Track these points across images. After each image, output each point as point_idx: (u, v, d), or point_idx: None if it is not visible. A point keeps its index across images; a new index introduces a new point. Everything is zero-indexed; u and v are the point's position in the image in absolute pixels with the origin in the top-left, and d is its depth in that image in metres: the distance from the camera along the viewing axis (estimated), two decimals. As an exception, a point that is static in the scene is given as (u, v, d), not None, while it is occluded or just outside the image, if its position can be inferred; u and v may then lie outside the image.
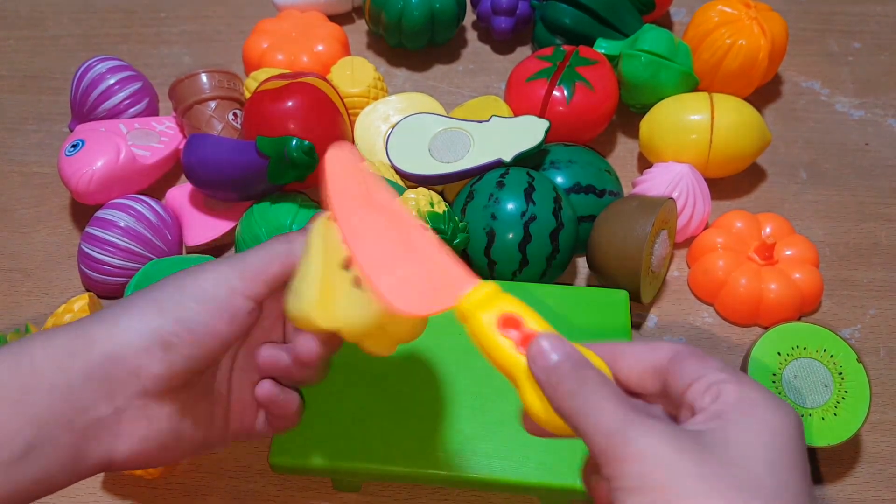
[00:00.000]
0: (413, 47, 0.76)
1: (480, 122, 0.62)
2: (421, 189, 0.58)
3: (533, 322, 0.33)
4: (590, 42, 0.70)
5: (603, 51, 0.68)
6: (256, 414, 0.41)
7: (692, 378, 0.30)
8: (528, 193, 0.55)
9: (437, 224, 0.54)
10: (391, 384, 0.50)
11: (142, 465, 0.36)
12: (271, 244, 0.38)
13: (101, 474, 0.52)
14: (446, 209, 0.56)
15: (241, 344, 0.40)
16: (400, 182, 0.62)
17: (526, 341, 0.32)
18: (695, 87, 0.69)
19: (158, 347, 0.34)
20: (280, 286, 0.37)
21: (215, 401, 0.39)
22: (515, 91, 0.66)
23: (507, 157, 0.59)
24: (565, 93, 0.64)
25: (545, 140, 0.60)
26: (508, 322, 0.33)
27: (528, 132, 0.60)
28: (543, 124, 0.60)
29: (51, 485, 0.33)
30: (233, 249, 0.63)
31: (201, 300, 0.35)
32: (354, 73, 0.69)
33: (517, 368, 0.32)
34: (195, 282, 0.36)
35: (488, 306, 0.33)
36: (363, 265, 0.34)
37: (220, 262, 0.37)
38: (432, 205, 0.55)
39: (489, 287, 0.33)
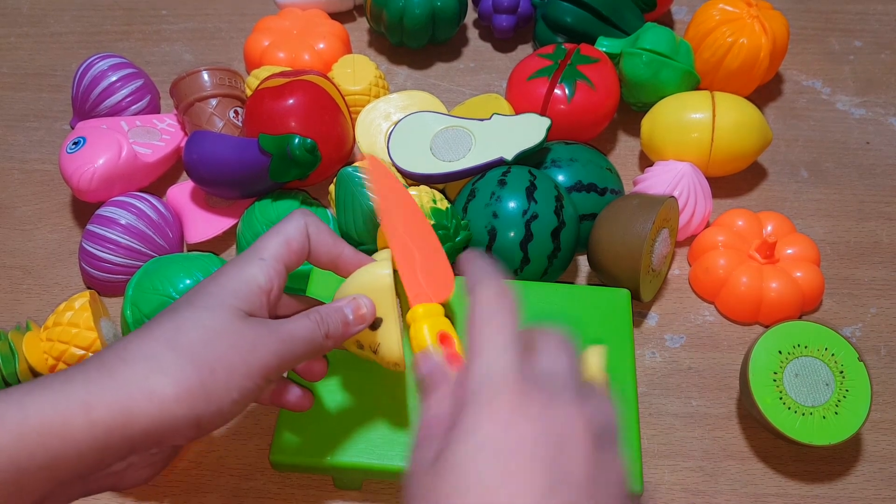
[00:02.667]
0: (414, 45, 0.76)
1: (482, 120, 0.62)
2: (423, 187, 0.58)
3: (458, 347, 0.39)
4: (591, 40, 0.70)
5: (604, 49, 0.68)
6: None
7: None
8: (530, 192, 0.55)
9: (440, 221, 0.54)
10: (392, 383, 0.50)
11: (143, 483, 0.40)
12: (293, 333, 0.38)
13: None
14: (448, 206, 0.56)
15: None
16: (401, 180, 0.62)
17: (451, 358, 0.37)
18: (696, 86, 0.69)
19: (191, 426, 0.34)
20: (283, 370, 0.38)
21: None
22: (517, 89, 0.66)
23: (509, 156, 0.59)
24: (566, 91, 0.64)
25: (547, 138, 0.60)
26: (444, 339, 0.39)
27: (530, 130, 0.60)
28: (545, 122, 0.60)
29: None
30: (234, 249, 0.63)
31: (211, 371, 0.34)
32: (356, 71, 0.69)
33: None
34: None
35: (432, 320, 0.40)
36: (402, 269, 0.41)
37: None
38: (435, 202, 0.55)
39: (436, 307, 0.40)
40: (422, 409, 0.32)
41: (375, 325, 0.42)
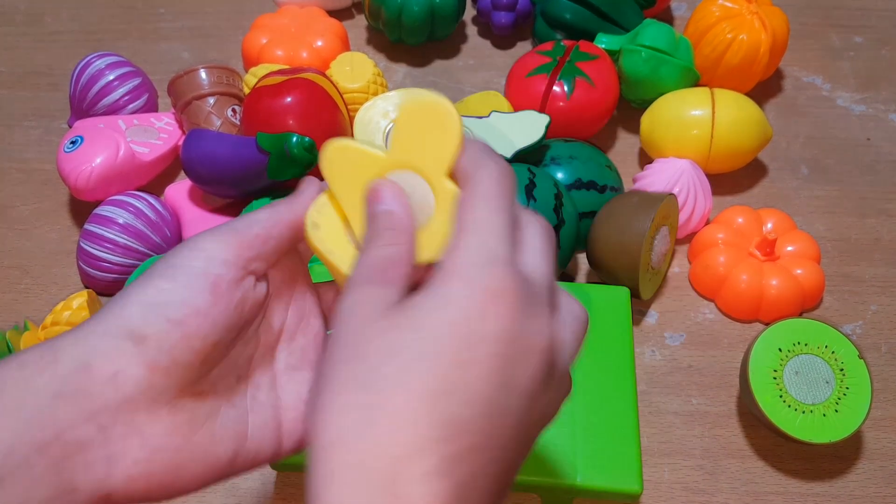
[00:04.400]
0: (413, 42, 0.75)
1: (480, 117, 0.62)
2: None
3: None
4: (590, 37, 0.70)
5: (603, 46, 0.68)
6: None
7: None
8: (529, 190, 0.55)
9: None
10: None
11: (149, 494, 0.29)
12: (256, 211, 0.33)
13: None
14: None
15: (268, 329, 0.34)
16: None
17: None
18: (696, 83, 0.68)
19: (130, 343, 0.28)
20: (273, 251, 0.32)
21: (253, 408, 0.32)
22: (515, 86, 0.66)
23: (508, 154, 0.59)
24: (565, 88, 0.63)
25: (546, 135, 0.59)
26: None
27: (529, 127, 0.60)
28: (544, 119, 0.60)
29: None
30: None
31: (172, 276, 0.29)
32: (354, 68, 0.69)
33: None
34: (167, 260, 0.30)
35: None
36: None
37: (198, 235, 0.31)
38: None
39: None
40: (367, 240, 0.29)
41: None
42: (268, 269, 0.32)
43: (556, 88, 0.64)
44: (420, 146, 0.30)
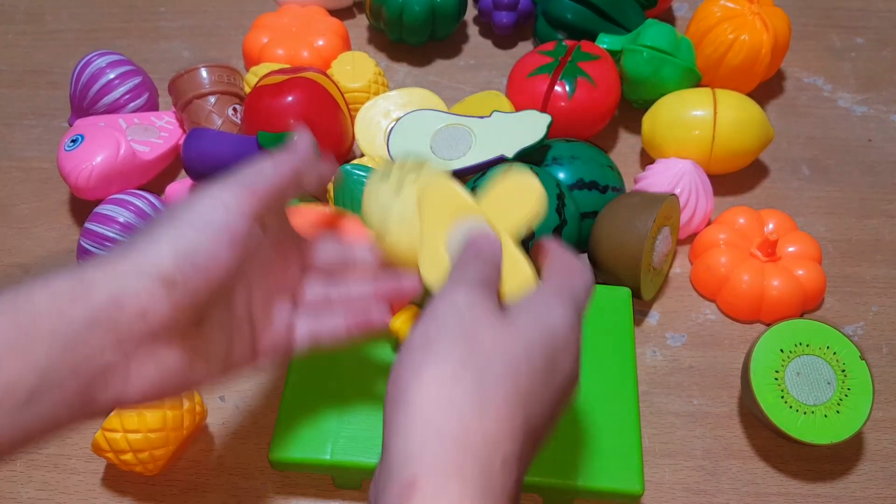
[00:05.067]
0: (414, 42, 0.75)
1: (482, 117, 0.61)
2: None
3: None
4: (592, 37, 0.70)
5: (605, 46, 0.68)
6: (290, 332, 0.41)
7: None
8: (531, 189, 0.55)
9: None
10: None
11: (154, 401, 0.35)
12: (259, 163, 0.38)
13: (101, 472, 0.52)
14: None
15: (254, 267, 0.39)
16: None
17: None
18: (697, 83, 0.68)
19: (161, 286, 0.32)
20: (276, 202, 0.38)
21: (235, 328, 0.38)
22: (517, 86, 0.66)
23: (510, 154, 0.59)
24: (567, 88, 0.63)
25: (547, 135, 0.59)
26: None
27: (530, 127, 0.60)
28: (545, 119, 0.60)
29: (58, 427, 0.32)
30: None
31: (198, 227, 0.34)
32: (355, 68, 0.69)
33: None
34: (189, 209, 0.35)
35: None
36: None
37: (211, 187, 0.36)
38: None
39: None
40: (472, 259, 0.36)
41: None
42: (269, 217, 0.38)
43: (557, 88, 0.64)
44: (504, 206, 0.38)
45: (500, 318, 0.32)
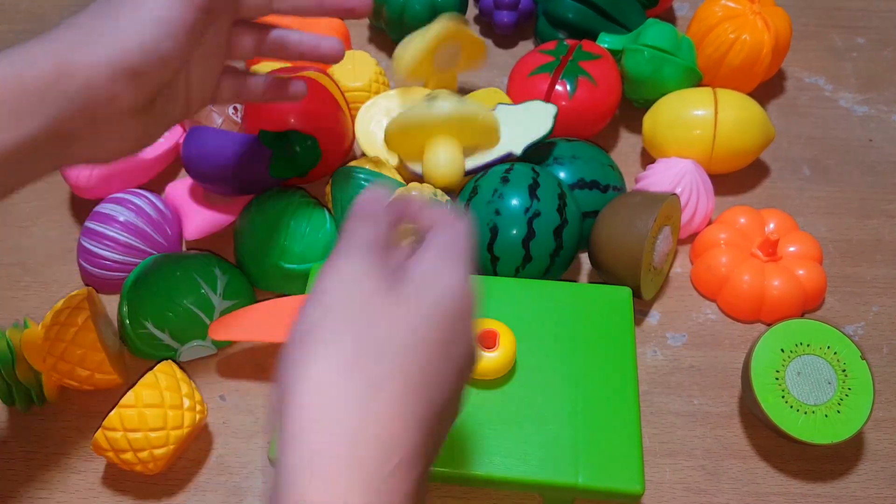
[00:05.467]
0: (415, 41, 0.75)
1: None
2: (424, 183, 0.58)
3: None
4: (593, 36, 0.70)
5: (606, 45, 0.68)
6: (217, 89, 0.47)
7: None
8: (533, 189, 0.55)
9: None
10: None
11: (115, 160, 0.43)
12: None
13: (101, 471, 0.52)
14: (447, 200, 0.55)
15: (199, 50, 0.43)
16: (400, 178, 0.62)
17: None
18: (698, 83, 0.68)
19: (130, 78, 0.38)
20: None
21: (178, 96, 0.44)
22: (518, 85, 0.66)
23: (518, 150, 0.58)
24: (568, 87, 0.63)
25: (555, 126, 0.59)
26: None
27: (536, 119, 0.59)
28: (551, 109, 0.59)
29: (36, 176, 0.41)
30: (231, 244, 0.63)
31: (157, 21, 0.39)
32: (356, 67, 0.69)
33: None
34: (144, 3, 0.39)
35: None
36: None
37: None
38: (435, 196, 0.55)
39: None
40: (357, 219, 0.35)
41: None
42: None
43: (558, 87, 0.64)
44: None
45: (390, 290, 0.31)
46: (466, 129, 0.57)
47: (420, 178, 0.60)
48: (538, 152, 0.61)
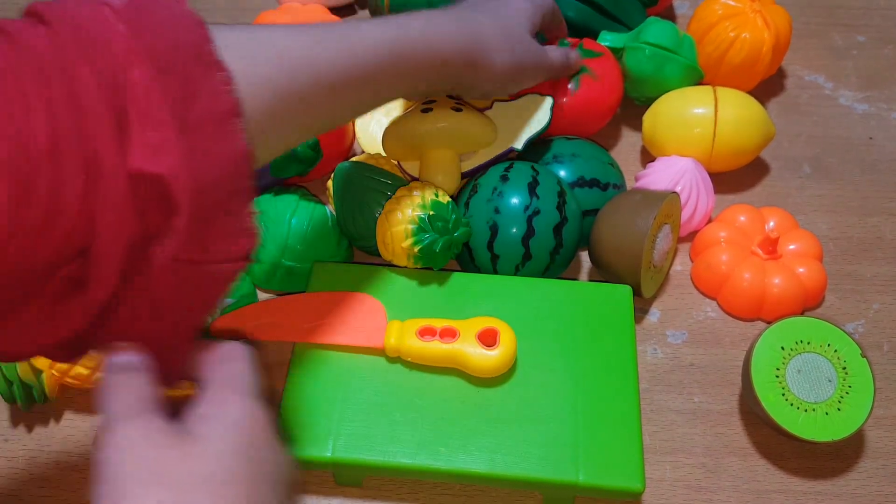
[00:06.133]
0: (415, 40, 0.75)
1: (482, 109, 0.61)
2: (426, 181, 0.58)
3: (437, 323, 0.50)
4: (594, 35, 0.70)
5: (607, 43, 0.68)
6: None
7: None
8: (532, 188, 0.55)
9: (440, 213, 0.53)
10: (393, 378, 0.50)
11: None
12: None
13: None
14: (449, 201, 0.55)
15: None
16: (400, 174, 0.62)
17: (445, 333, 0.50)
18: (699, 81, 0.68)
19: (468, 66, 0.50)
20: None
21: None
22: None
23: (519, 146, 0.58)
24: (570, 85, 0.63)
25: (552, 117, 0.59)
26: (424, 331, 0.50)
27: (533, 112, 0.59)
28: (547, 101, 0.60)
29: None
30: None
31: None
32: (356, 65, 0.69)
33: (454, 355, 0.49)
34: None
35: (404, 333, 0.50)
36: None
37: None
38: (436, 195, 0.55)
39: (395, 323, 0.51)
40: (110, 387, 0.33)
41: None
42: None
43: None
44: None
45: (181, 438, 0.30)
46: (462, 140, 0.58)
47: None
48: (538, 151, 0.61)
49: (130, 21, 0.30)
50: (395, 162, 0.62)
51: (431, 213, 0.53)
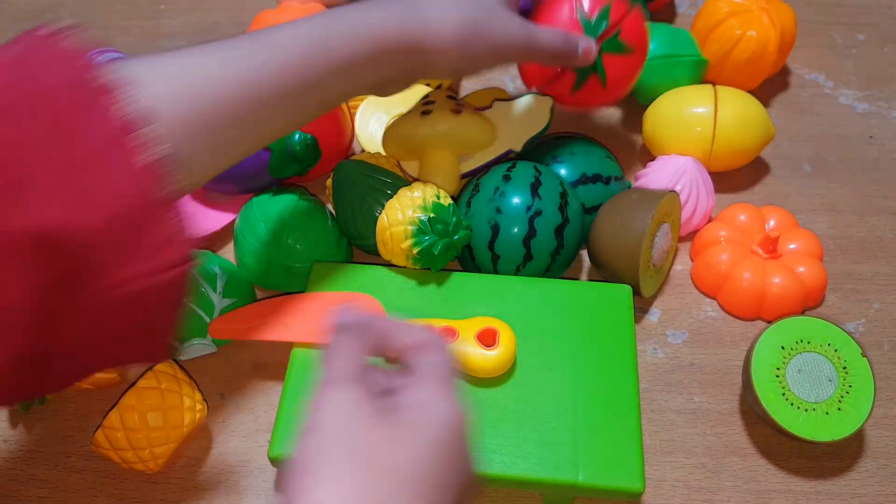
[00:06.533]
0: (414, 39, 0.75)
1: (483, 108, 0.61)
2: (428, 182, 0.58)
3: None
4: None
5: None
6: None
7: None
8: (535, 188, 0.55)
9: (441, 216, 0.53)
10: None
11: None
12: None
13: (102, 470, 0.52)
14: (451, 203, 0.55)
15: None
16: (400, 173, 0.61)
17: (444, 333, 0.49)
18: (707, 68, 0.68)
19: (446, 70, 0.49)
20: None
21: None
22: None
23: (518, 147, 0.58)
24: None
25: (552, 119, 0.59)
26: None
27: (533, 113, 0.59)
28: (547, 102, 0.59)
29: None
30: (232, 245, 0.63)
31: None
32: (355, 65, 0.69)
33: None
34: None
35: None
36: None
37: None
38: (438, 197, 0.54)
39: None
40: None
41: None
42: None
43: None
44: None
45: (384, 422, 0.30)
46: (461, 143, 0.58)
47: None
48: (532, 152, 0.60)
49: (13, 69, 0.32)
50: (396, 161, 0.62)
51: (432, 215, 0.53)
